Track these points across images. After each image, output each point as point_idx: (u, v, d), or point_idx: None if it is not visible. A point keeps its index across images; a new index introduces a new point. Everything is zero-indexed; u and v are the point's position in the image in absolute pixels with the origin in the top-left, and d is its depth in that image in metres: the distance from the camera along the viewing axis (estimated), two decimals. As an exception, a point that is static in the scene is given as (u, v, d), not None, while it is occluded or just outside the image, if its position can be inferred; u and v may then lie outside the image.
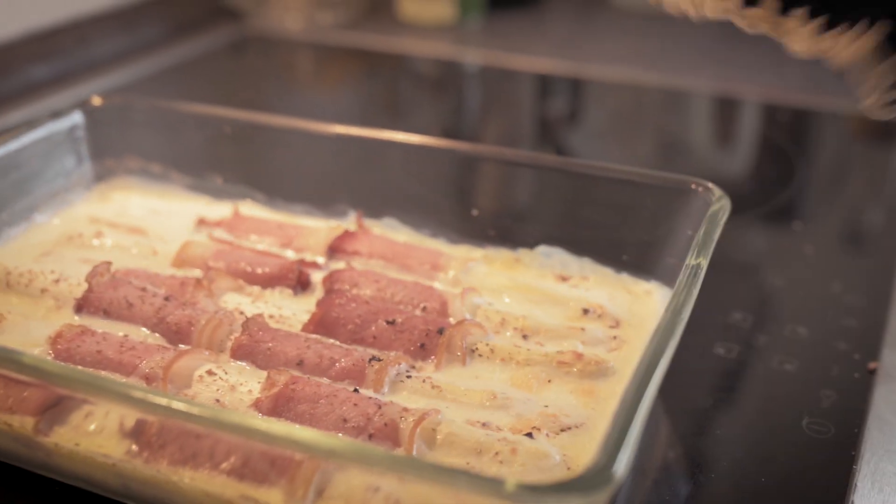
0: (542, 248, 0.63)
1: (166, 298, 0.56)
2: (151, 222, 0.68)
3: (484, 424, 0.48)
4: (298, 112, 0.71)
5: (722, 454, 0.52)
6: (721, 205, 0.55)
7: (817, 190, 0.90)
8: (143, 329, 0.55)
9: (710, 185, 0.57)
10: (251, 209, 0.69)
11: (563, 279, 0.61)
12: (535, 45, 1.26)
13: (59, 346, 0.53)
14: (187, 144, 0.72)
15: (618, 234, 0.62)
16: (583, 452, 0.46)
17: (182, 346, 0.53)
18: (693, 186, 0.58)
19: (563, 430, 0.48)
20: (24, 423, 0.47)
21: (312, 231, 0.64)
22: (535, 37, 1.33)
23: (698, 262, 0.49)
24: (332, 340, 0.54)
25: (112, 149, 0.72)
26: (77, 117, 0.70)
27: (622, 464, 0.36)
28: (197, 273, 0.61)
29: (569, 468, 0.45)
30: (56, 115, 0.69)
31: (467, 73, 1.22)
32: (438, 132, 0.65)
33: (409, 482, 0.41)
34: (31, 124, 0.68)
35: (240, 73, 1.24)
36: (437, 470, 0.38)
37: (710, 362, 0.60)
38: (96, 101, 0.71)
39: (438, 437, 0.46)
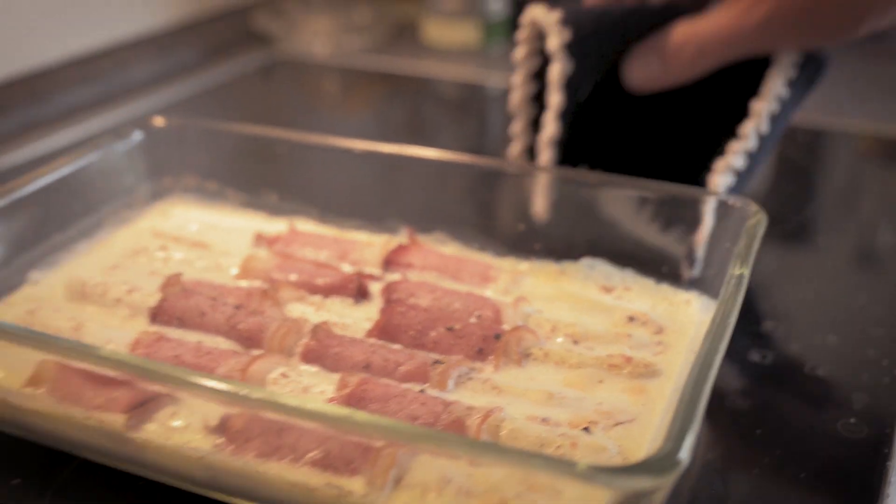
0: (586, 261, 0.66)
1: (236, 307, 0.60)
2: (212, 237, 0.72)
3: (544, 420, 0.51)
4: (327, 133, 0.75)
5: (761, 452, 0.56)
6: (758, 218, 0.59)
7: (836, 207, 0.94)
8: (216, 336, 0.59)
9: (748, 200, 0.61)
10: (306, 225, 0.73)
11: (607, 290, 0.64)
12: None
13: (138, 352, 0.57)
14: (241, 163, 0.76)
15: (658, 247, 0.65)
16: (636, 445, 0.50)
17: (254, 352, 0.57)
18: (731, 203, 0.61)
19: (616, 425, 0.51)
20: (114, 420, 0.51)
21: (367, 245, 0.68)
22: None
23: (741, 272, 0.53)
24: (395, 346, 0.57)
25: (169, 167, 0.76)
26: (137, 136, 0.74)
27: (687, 449, 0.40)
28: (261, 284, 0.64)
29: (625, 459, 0.49)
30: (118, 134, 0.73)
31: (490, 96, 1.26)
32: (467, 152, 0.69)
33: (485, 466, 0.44)
34: (93, 143, 0.71)
35: (270, 96, 1.28)
36: (515, 453, 0.41)
37: (746, 368, 0.63)
38: (158, 121, 0.75)
39: (502, 432, 0.50)
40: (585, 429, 0.51)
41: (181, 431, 0.50)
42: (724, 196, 0.62)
